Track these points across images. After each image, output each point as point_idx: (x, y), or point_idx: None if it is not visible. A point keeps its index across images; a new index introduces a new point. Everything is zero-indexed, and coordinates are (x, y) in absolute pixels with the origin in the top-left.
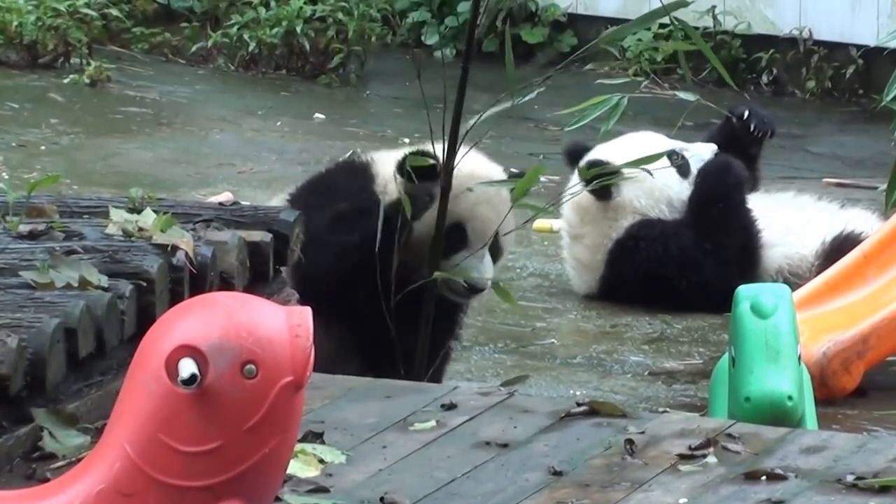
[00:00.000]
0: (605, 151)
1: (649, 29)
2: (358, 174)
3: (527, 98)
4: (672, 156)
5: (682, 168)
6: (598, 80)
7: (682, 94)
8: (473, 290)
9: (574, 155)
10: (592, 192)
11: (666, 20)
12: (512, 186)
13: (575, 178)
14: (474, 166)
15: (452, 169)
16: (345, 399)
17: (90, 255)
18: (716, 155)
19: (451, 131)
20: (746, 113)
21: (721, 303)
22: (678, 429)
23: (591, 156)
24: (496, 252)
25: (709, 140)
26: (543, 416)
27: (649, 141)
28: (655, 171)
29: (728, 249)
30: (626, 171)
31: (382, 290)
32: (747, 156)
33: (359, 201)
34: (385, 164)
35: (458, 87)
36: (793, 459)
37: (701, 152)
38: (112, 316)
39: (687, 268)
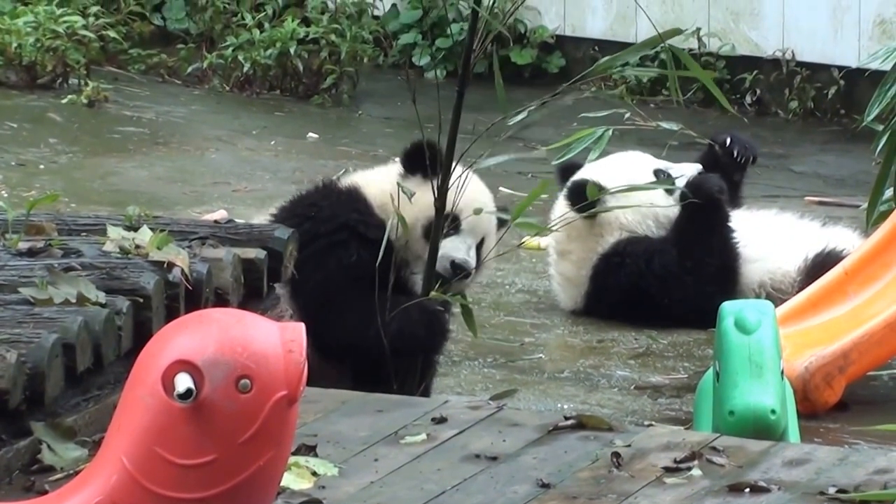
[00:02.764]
0: (593, 171)
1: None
2: (351, 197)
3: (519, 118)
4: (658, 174)
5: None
6: (582, 114)
7: (665, 125)
8: (457, 269)
9: (565, 172)
10: (579, 209)
11: (656, 29)
12: (505, 215)
13: (562, 196)
14: (477, 177)
15: (447, 190)
16: (337, 413)
17: (88, 271)
18: (699, 174)
19: (446, 154)
20: (729, 140)
21: (702, 319)
22: (664, 442)
23: (579, 175)
24: (478, 261)
25: None
26: (531, 429)
27: (636, 161)
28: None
29: (708, 267)
30: (614, 190)
31: (379, 307)
32: (731, 182)
33: (355, 222)
34: (373, 185)
35: (454, 111)
36: (776, 472)
37: (686, 172)
38: (109, 331)
39: (668, 284)
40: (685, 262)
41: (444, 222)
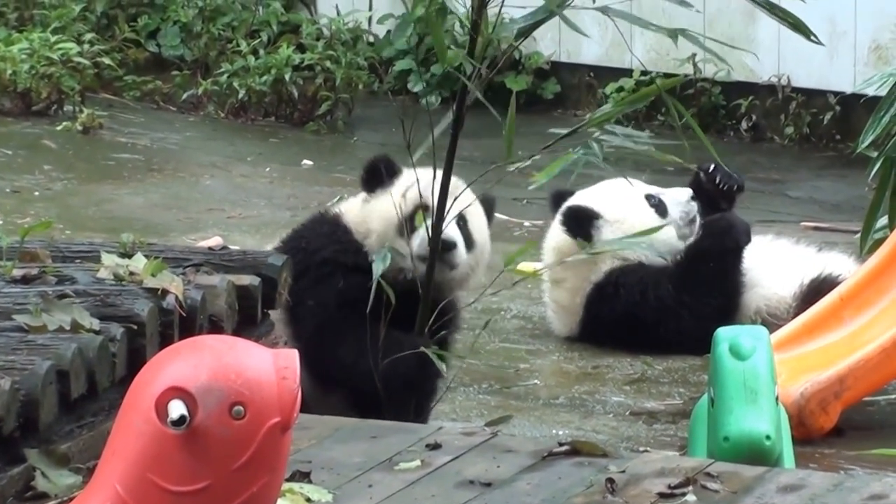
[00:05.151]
0: (586, 198)
1: (630, 76)
2: (333, 228)
3: (521, 165)
4: (649, 199)
5: (660, 209)
6: (551, 130)
7: (636, 143)
8: (445, 246)
9: (558, 199)
10: (574, 237)
11: (642, 63)
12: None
13: (556, 223)
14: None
15: (440, 231)
16: (331, 439)
17: (82, 298)
18: (721, 215)
19: (439, 197)
20: (712, 167)
21: (697, 345)
22: (658, 468)
23: (571, 202)
24: (468, 242)
25: None
26: (526, 455)
27: (626, 187)
28: (633, 213)
29: (705, 307)
30: (609, 219)
31: (371, 349)
32: (718, 210)
33: (334, 253)
34: (352, 212)
35: (448, 152)
36: (770, 498)
37: (676, 197)
38: (103, 358)
39: (663, 315)
40: (682, 297)
41: (412, 217)
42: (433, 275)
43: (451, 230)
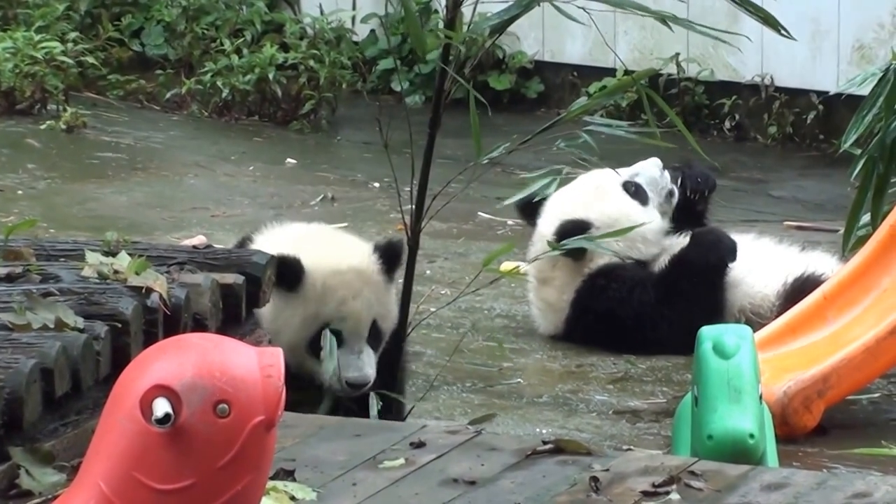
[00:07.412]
0: (564, 204)
1: (614, 75)
2: None
3: (495, 153)
4: (628, 187)
5: (640, 195)
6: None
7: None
8: (355, 387)
9: (526, 208)
10: (569, 254)
11: (623, 64)
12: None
13: (544, 231)
14: (339, 259)
15: (420, 231)
16: (316, 437)
17: (66, 297)
18: (710, 228)
19: (417, 201)
20: (680, 179)
21: (679, 347)
22: (642, 466)
23: (558, 215)
24: (377, 340)
25: None
26: (510, 453)
27: (602, 183)
28: (622, 212)
29: (683, 320)
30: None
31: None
32: (694, 212)
33: None
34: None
35: (424, 156)
36: (754, 496)
37: (647, 170)
38: (88, 356)
39: (641, 322)
40: (662, 308)
41: (317, 339)
42: (413, 272)
43: (366, 367)
